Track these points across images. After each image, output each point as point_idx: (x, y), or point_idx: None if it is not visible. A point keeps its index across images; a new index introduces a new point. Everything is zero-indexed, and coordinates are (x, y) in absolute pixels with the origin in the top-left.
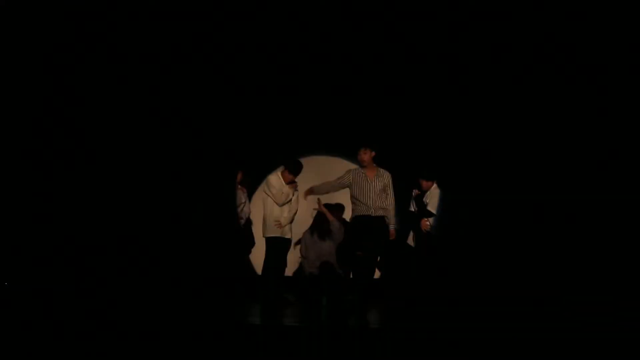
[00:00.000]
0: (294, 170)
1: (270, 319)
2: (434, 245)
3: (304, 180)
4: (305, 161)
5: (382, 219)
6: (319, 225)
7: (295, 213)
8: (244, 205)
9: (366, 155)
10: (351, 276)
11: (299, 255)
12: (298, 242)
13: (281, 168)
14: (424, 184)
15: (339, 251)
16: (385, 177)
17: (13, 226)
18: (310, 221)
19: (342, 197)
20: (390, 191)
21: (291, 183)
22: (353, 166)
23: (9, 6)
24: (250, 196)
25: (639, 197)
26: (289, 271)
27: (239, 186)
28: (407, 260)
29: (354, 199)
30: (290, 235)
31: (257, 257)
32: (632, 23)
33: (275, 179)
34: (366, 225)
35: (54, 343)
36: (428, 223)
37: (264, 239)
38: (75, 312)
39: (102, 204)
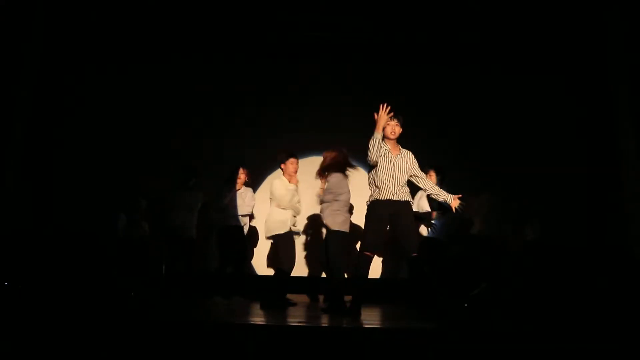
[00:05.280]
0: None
1: (275, 318)
2: (433, 246)
3: (305, 179)
4: (304, 161)
5: (407, 205)
6: None
7: None
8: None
9: (397, 128)
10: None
11: None
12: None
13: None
14: None
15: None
16: (410, 158)
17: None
18: None
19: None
20: (420, 172)
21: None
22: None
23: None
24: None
25: None
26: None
27: (247, 187)
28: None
29: (372, 179)
30: None
31: (259, 257)
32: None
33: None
34: (388, 211)
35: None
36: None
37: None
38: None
39: (98, 204)
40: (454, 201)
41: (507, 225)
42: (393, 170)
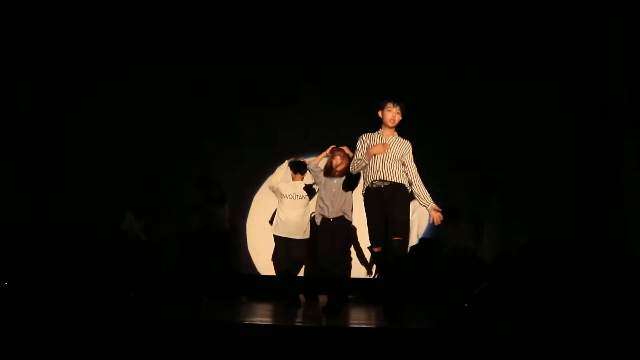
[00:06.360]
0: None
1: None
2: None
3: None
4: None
5: (401, 188)
6: None
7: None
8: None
9: (398, 116)
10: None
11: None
12: None
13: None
14: None
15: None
16: (405, 146)
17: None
18: None
19: None
20: (412, 166)
21: None
22: None
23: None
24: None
25: None
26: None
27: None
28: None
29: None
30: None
31: (263, 257)
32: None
33: None
34: (381, 199)
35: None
36: None
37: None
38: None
39: (98, 204)
40: (433, 212)
41: (505, 227)
42: (384, 154)
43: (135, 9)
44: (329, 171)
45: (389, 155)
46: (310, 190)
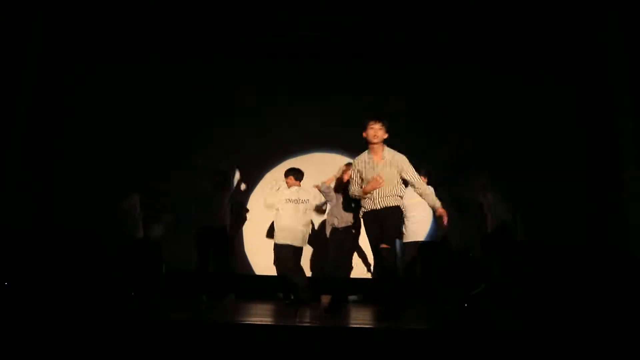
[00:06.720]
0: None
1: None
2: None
3: (305, 178)
4: (303, 159)
5: (393, 210)
6: None
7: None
8: None
9: (380, 132)
10: None
11: None
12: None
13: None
14: None
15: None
16: (399, 163)
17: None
18: None
19: None
20: (416, 177)
21: None
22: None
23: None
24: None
25: None
26: None
27: None
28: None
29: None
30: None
31: (260, 257)
32: None
33: None
34: (377, 221)
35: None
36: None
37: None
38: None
39: (99, 204)
40: (440, 210)
41: (505, 225)
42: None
43: (136, 9)
44: (341, 186)
45: (384, 188)
46: (314, 205)
